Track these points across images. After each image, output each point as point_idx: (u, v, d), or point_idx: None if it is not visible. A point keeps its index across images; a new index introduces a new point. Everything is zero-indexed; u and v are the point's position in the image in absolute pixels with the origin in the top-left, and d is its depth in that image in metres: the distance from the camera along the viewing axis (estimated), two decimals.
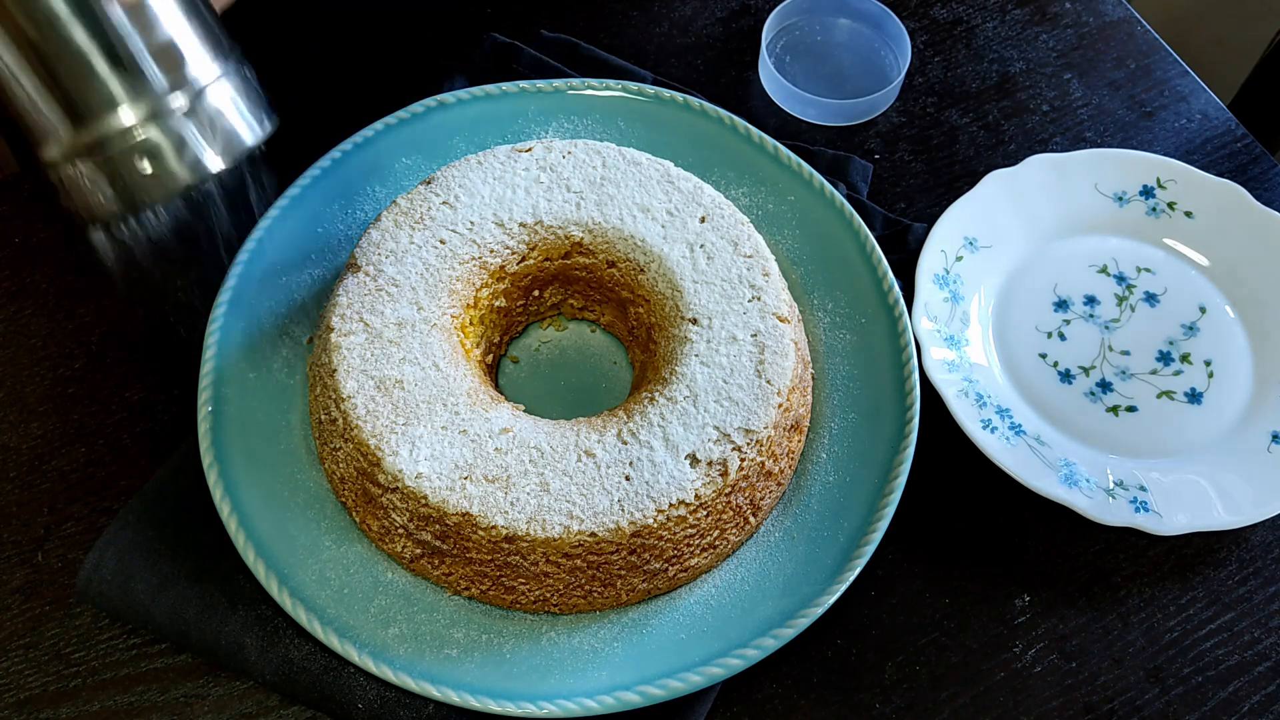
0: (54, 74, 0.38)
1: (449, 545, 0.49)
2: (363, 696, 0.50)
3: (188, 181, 0.41)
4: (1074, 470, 0.56)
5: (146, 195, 0.41)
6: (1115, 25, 0.75)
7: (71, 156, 0.40)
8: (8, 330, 0.61)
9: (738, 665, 0.49)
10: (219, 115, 0.42)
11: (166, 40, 0.40)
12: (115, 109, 0.39)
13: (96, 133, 0.39)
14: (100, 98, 0.39)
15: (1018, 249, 0.64)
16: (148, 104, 0.39)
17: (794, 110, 0.70)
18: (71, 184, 0.40)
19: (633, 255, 0.56)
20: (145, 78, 0.39)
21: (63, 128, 0.39)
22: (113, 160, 0.40)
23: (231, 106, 0.42)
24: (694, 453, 0.50)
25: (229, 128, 0.42)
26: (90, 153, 0.39)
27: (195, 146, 0.41)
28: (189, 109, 0.40)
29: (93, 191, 0.40)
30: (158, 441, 0.57)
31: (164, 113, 0.40)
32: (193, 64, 0.41)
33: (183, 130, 0.40)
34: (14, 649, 0.52)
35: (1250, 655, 0.54)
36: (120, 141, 0.39)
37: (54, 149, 0.40)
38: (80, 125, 0.39)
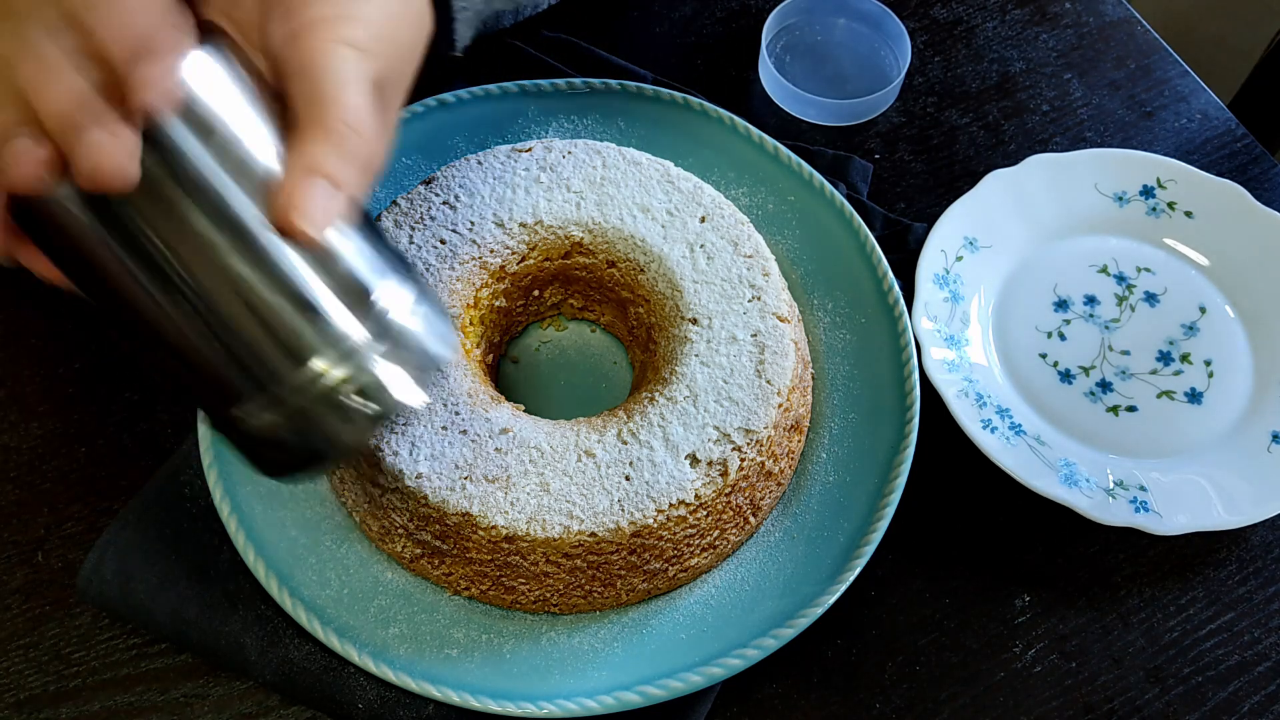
0: (243, 334, 0.36)
1: (449, 545, 0.49)
2: (363, 696, 0.50)
3: (385, 417, 0.38)
4: (1074, 470, 0.56)
5: (346, 439, 0.38)
6: (1115, 25, 0.75)
7: (268, 412, 0.37)
8: (8, 330, 0.61)
9: (738, 665, 0.49)
10: (410, 342, 0.38)
11: (350, 277, 0.37)
12: (306, 360, 0.36)
13: (291, 386, 0.36)
14: (291, 351, 0.36)
15: (1018, 249, 0.64)
16: (339, 347, 0.36)
17: (794, 110, 0.70)
18: (270, 438, 0.37)
19: (633, 255, 0.56)
20: (332, 322, 0.36)
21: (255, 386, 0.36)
22: (307, 412, 0.37)
23: (419, 329, 0.39)
24: (694, 453, 0.50)
25: (421, 352, 0.39)
26: (284, 406, 0.37)
27: (389, 381, 0.38)
28: (380, 342, 0.37)
29: (293, 442, 0.37)
30: (158, 441, 0.57)
31: (355, 352, 0.37)
32: (377, 294, 0.37)
33: (374, 367, 0.37)
34: (14, 649, 0.52)
35: (1250, 655, 0.54)
36: (314, 391, 0.36)
37: (249, 407, 0.37)
38: (273, 382, 0.36)
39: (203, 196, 0.34)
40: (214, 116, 0.34)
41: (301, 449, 0.38)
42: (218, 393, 0.37)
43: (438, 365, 0.39)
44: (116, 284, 0.36)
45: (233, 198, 0.35)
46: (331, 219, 0.36)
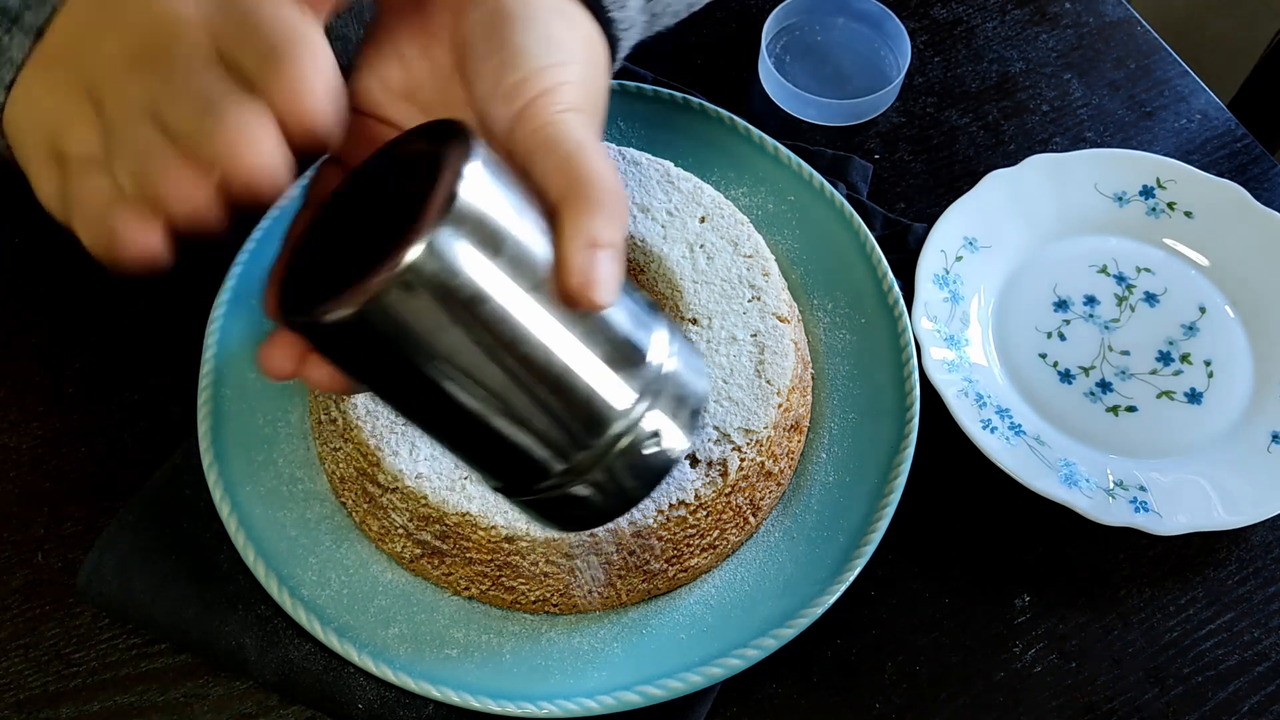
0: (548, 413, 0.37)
1: (449, 545, 0.49)
2: (362, 696, 0.50)
3: (674, 461, 0.39)
4: (1074, 470, 0.56)
5: (639, 491, 0.39)
6: (1115, 25, 0.75)
7: (573, 478, 0.38)
8: (8, 330, 0.61)
9: (737, 665, 0.49)
10: (682, 384, 0.39)
11: (628, 337, 0.38)
12: (606, 425, 0.37)
13: (593, 452, 0.37)
14: (592, 420, 0.37)
15: (1017, 249, 0.64)
16: (629, 406, 0.37)
17: (794, 110, 0.70)
18: (573, 501, 0.39)
19: (632, 255, 0.56)
20: (623, 383, 0.37)
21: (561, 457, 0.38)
22: (608, 471, 0.38)
23: (684, 368, 0.40)
24: (694, 453, 0.50)
25: (691, 392, 0.40)
26: (587, 471, 0.38)
27: (672, 426, 0.39)
28: (661, 392, 0.38)
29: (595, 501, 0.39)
30: (158, 441, 0.57)
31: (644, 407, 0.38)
32: (650, 347, 0.38)
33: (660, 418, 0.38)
34: (14, 649, 0.52)
35: (1250, 655, 0.54)
36: (613, 451, 0.38)
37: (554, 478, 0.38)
38: (576, 451, 0.37)
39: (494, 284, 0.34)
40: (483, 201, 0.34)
41: (600, 506, 0.39)
42: (524, 470, 0.38)
43: (704, 401, 0.40)
44: (424, 386, 0.36)
45: (522, 285, 0.35)
46: (619, 283, 0.37)
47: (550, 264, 0.35)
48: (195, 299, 0.59)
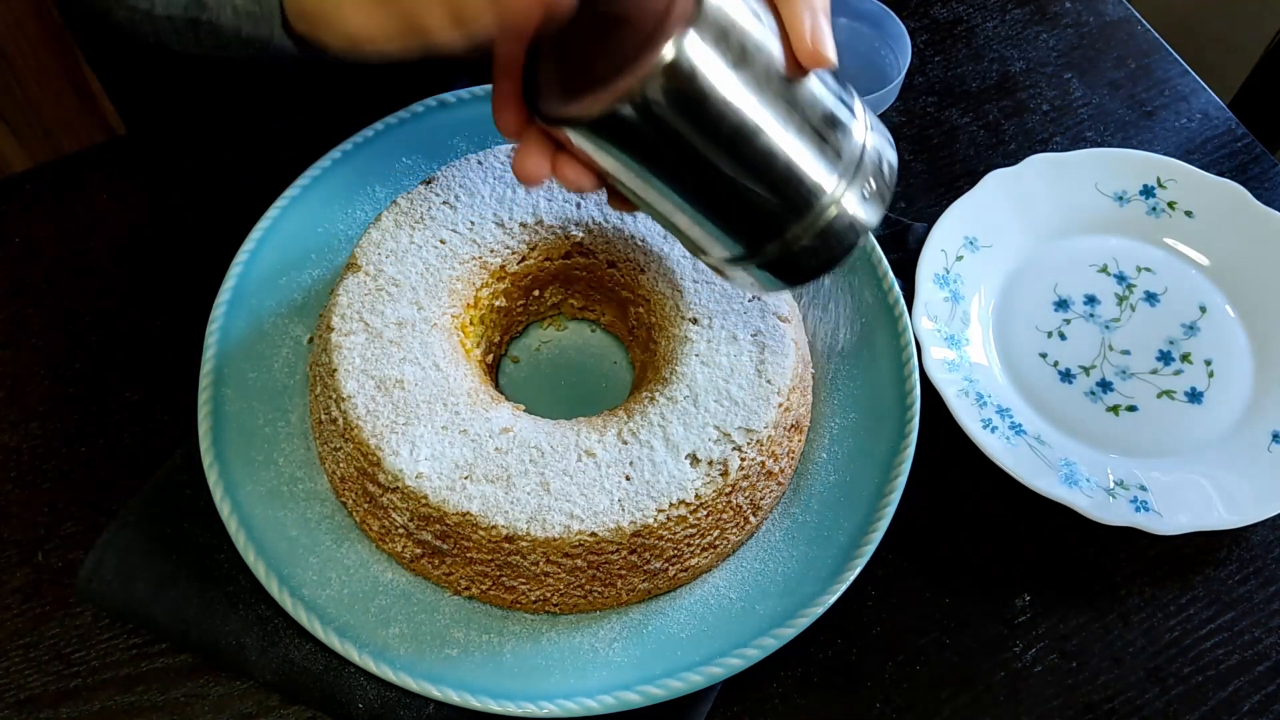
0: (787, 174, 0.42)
1: (449, 545, 0.49)
2: (363, 696, 0.50)
3: (880, 218, 0.44)
4: (1074, 470, 0.56)
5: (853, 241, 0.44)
6: (1115, 25, 0.75)
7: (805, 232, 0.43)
8: (8, 330, 0.61)
9: (738, 665, 0.49)
10: (880, 148, 0.44)
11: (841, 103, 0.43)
12: (830, 182, 0.42)
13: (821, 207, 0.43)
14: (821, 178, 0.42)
15: (1018, 248, 0.64)
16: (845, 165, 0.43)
17: None
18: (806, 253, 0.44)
19: (633, 255, 0.56)
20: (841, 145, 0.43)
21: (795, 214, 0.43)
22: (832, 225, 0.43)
23: (881, 137, 0.45)
24: (694, 452, 0.50)
25: (888, 157, 0.45)
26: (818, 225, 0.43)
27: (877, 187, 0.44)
28: (866, 154, 0.43)
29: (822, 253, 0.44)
30: (158, 441, 0.57)
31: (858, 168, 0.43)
32: (855, 114, 0.44)
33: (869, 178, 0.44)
34: (14, 649, 0.52)
35: (1250, 655, 0.54)
36: (835, 206, 0.43)
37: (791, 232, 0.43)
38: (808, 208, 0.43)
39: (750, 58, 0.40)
40: None
41: (825, 255, 0.44)
42: (766, 226, 0.43)
43: (895, 166, 0.45)
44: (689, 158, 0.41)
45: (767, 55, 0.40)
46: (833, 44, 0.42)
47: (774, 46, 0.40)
48: (195, 299, 0.59)
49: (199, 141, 0.67)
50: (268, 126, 0.67)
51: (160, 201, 0.65)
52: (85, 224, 0.64)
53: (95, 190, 0.65)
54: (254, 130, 0.67)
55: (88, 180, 0.66)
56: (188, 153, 0.67)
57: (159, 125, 0.68)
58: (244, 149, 0.67)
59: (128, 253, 0.63)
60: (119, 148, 0.67)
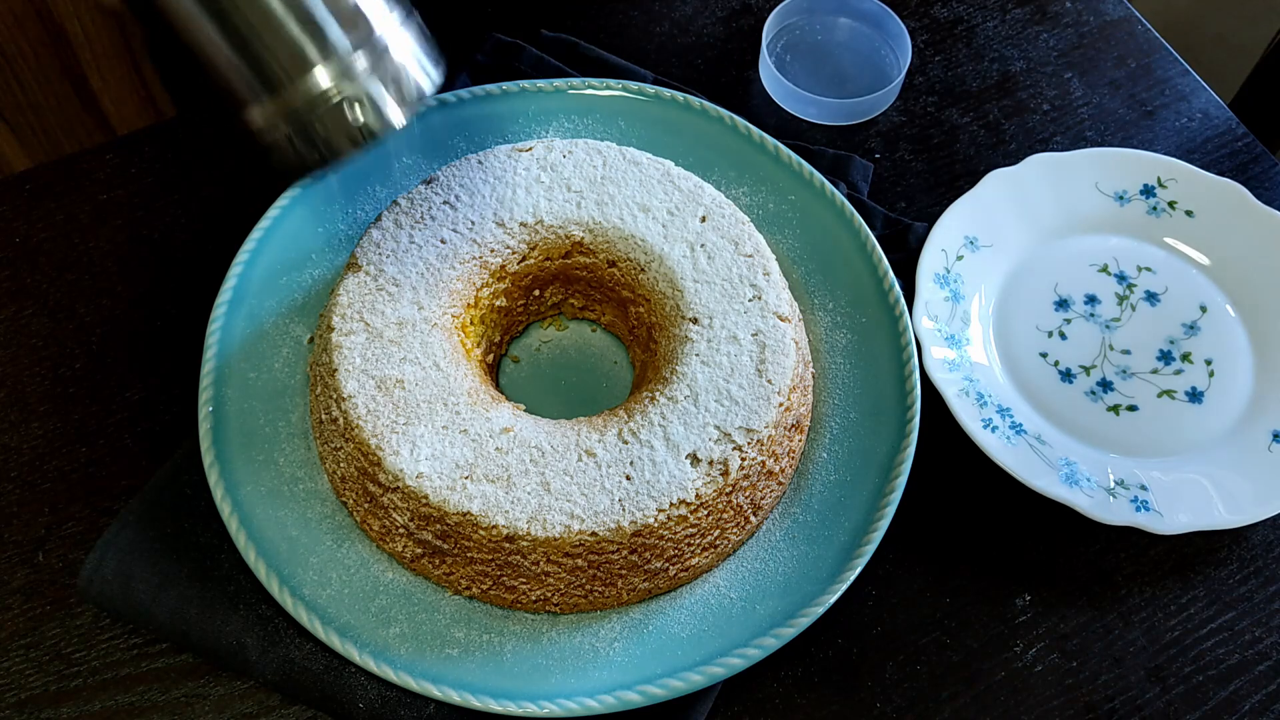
0: (253, 42, 0.41)
1: (450, 545, 0.49)
2: (364, 696, 0.50)
3: (378, 134, 0.44)
4: (1075, 469, 0.56)
5: (341, 150, 0.44)
6: (1116, 24, 0.75)
7: (274, 120, 0.42)
8: (8, 330, 0.61)
9: (739, 664, 0.49)
10: (402, 68, 0.43)
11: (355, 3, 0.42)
12: (310, 72, 0.41)
13: (296, 97, 0.42)
14: (297, 61, 0.41)
15: (1018, 248, 0.64)
16: (338, 63, 0.42)
17: (794, 110, 0.70)
18: (276, 145, 0.43)
19: (633, 255, 0.56)
20: (335, 38, 0.41)
21: (264, 93, 0.42)
22: (310, 121, 0.42)
23: (411, 58, 0.44)
24: (695, 452, 0.50)
25: (410, 79, 0.44)
26: (291, 115, 0.42)
27: (381, 100, 0.43)
28: (375, 64, 0.42)
29: (297, 146, 0.43)
30: (158, 441, 0.57)
31: (353, 71, 0.42)
32: (375, 19, 0.43)
33: (370, 86, 0.43)
34: (15, 649, 0.52)
35: (1251, 654, 0.54)
36: (317, 103, 0.42)
37: (256, 115, 0.42)
38: (280, 90, 0.42)
39: None
40: None
41: (301, 152, 0.43)
42: (231, 95, 0.42)
43: (421, 92, 0.44)
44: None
45: None
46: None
47: None
48: (195, 299, 0.59)
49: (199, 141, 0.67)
50: None
51: (160, 201, 0.65)
52: (85, 224, 0.64)
53: (95, 190, 0.65)
54: None
55: (88, 180, 0.66)
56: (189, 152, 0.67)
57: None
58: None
59: (128, 253, 0.63)
60: (119, 148, 0.67)
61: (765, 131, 0.63)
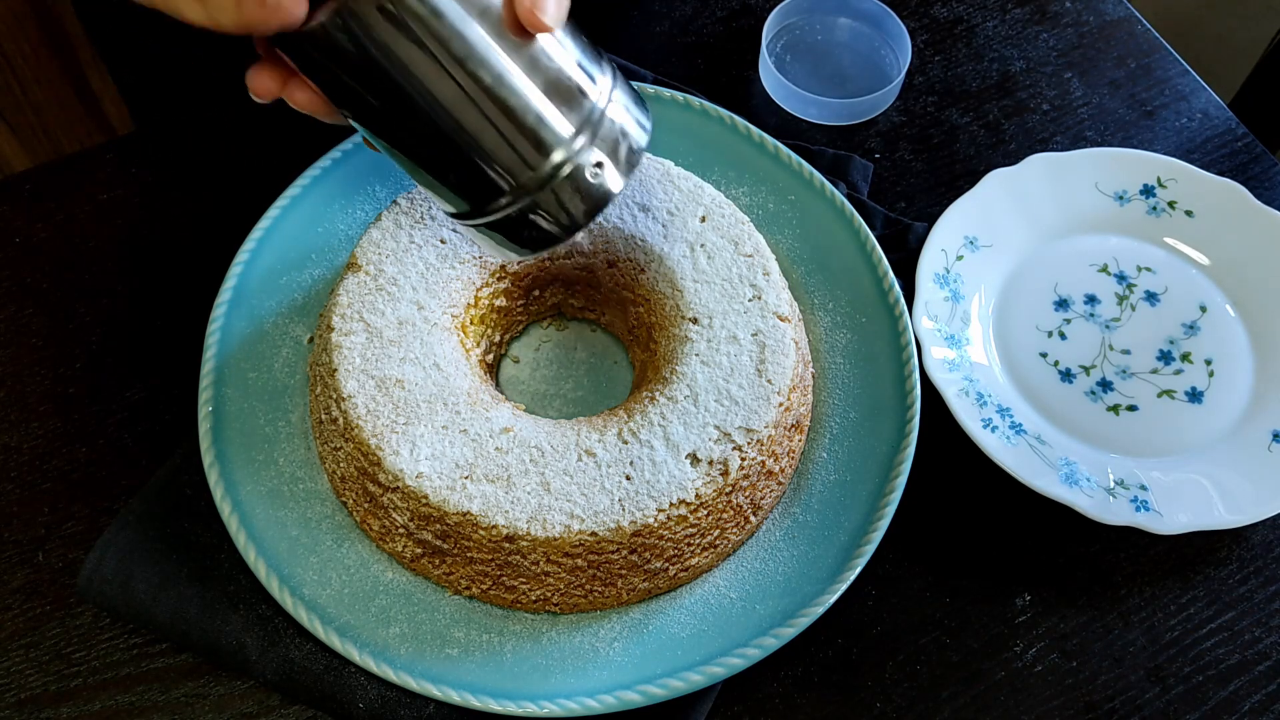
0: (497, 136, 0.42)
1: (450, 545, 0.49)
2: (364, 696, 0.50)
3: (612, 195, 0.45)
4: (1074, 469, 0.56)
5: (580, 222, 0.45)
6: (1116, 24, 0.75)
7: (520, 200, 0.43)
8: (8, 330, 0.61)
9: (739, 664, 0.49)
10: (620, 130, 0.44)
11: (572, 73, 0.43)
12: (550, 151, 0.42)
13: (538, 176, 0.43)
14: (538, 145, 0.42)
15: (1018, 248, 0.64)
16: (571, 138, 0.43)
17: (794, 109, 0.70)
18: (524, 223, 0.44)
19: (633, 255, 0.56)
20: (566, 116, 0.43)
21: (509, 180, 0.43)
22: (553, 197, 0.44)
23: (626, 114, 0.45)
24: (695, 452, 0.50)
25: (629, 139, 0.45)
26: (534, 194, 0.43)
27: (610, 163, 0.44)
28: (596, 134, 0.43)
29: (542, 223, 0.44)
30: (158, 441, 0.57)
31: (580, 146, 0.43)
32: (594, 86, 0.43)
33: (599, 153, 0.44)
34: (14, 649, 0.52)
35: (1251, 654, 0.54)
36: (557, 178, 0.43)
37: (505, 199, 0.44)
38: (523, 174, 0.43)
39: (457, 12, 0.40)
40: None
41: (545, 227, 0.44)
42: (480, 189, 0.44)
43: (641, 148, 0.45)
44: (387, 99, 0.42)
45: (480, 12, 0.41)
46: (564, 12, 0.41)
47: None
48: (195, 299, 0.59)
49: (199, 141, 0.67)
50: (269, 126, 0.67)
51: (160, 201, 0.65)
52: (85, 224, 0.64)
53: (95, 190, 0.65)
54: (254, 129, 0.67)
55: (88, 180, 0.66)
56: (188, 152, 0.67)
57: (168, 121, 0.68)
58: (244, 148, 0.67)
59: (128, 253, 0.63)
60: (119, 148, 0.67)
61: (765, 131, 0.63)
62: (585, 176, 0.43)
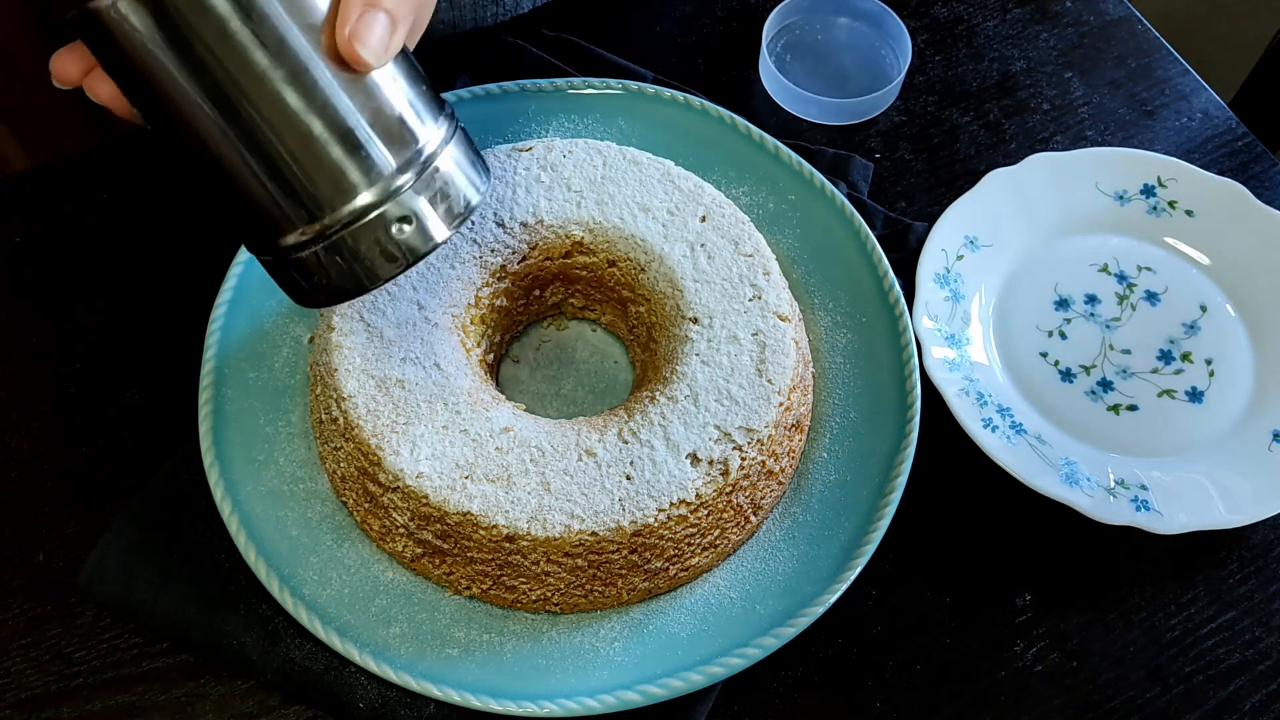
0: (291, 165, 0.37)
1: (450, 545, 0.49)
2: (364, 696, 0.50)
3: (422, 252, 0.40)
4: (1075, 469, 0.56)
5: (382, 273, 0.40)
6: (1116, 24, 0.75)
7: (313, 242, 0.39)
8: (8, 330, 0.61)
9: (739, 664, 0.49)
10: (449, 180, 0.40)
11: (396, 115, 0.39)
12: (354, 193, 0.38)
13: (336, 218, 0.38)
14: (339, 184, 0.38)
15: (1018, 248, 0.64)
16: (383, 183, 0.38)
17: (794, 109, 0.70)
18: (313, 267, 0.40)
19: (633, 254, 0.56)
20: (380, 158, 0.38)
21: (302, 217, 0.38)
22: (349, 243, 0.39)
23: (456, 169, 0.41)
24: (695, 452, 0.50)
25: (458, 191, 0.41)
26: (329, 237, 0.39)
27: (426, 217, 0.40)
28: (419, 179, 0.39)
29: (334, 272, 0.40)
30: (158, 441, 0.57)
31: (398, 189, 0.39)
32: (420, 133, 0.39)
33: (415, 204, 0.39)
34: (15, 649, 0.52)
35: (1251, 654, 0.54)
36: (357, 223, 0.39)
37: (293, 237, 0.39)
38: (320, 213, 0.38)
39: (263, 23, 0.36)
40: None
41: (340, 278, 0.40)
42: (268, 223, 0.39)
43: (469, 208, 0.41)
44: (173, 101, 0.37)
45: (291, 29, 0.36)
46: (389, 52, 0.37)
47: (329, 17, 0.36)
48: (195, 299, 0.59)
49: None
50: None
51: (161, 201, 0.65)
52: (85, 224, 0.64)
53: (95, 190, 0.65)
54: None
55: (88, 180, 0.66)
56: None
57: None
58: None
59: (128, 253, 0.63)
60: (119, 148, 0.67)
61: (765, 131, 0.63)
62: (390, 225, 0.39)
